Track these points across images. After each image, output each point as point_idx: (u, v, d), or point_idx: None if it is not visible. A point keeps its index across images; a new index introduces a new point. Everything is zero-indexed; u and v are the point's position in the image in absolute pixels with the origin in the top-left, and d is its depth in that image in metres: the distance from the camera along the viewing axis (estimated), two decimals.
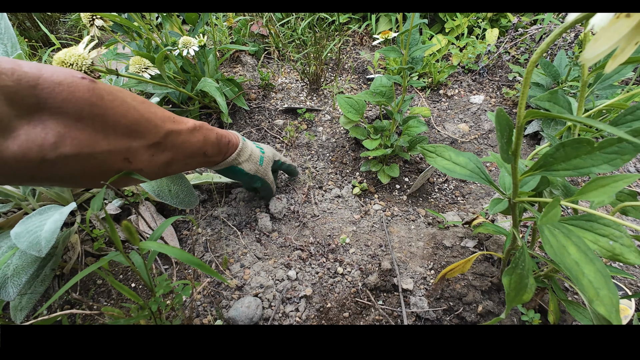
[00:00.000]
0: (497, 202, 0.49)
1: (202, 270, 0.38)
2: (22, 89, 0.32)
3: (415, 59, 0.69)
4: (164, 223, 0.45)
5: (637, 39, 0.20)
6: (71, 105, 0.34)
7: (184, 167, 0.52)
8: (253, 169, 0.66)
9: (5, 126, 0.31)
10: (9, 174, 0.33)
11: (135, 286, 0.68)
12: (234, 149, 0.62)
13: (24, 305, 0.57)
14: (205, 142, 0.53)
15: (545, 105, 0.39)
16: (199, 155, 0.52)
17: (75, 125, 0.35)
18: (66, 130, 0.34)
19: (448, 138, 1.01)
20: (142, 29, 0.72)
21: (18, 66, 0.32)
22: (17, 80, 0.31)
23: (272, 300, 0.65)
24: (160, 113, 0.45)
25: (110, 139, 0.38)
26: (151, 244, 0.39)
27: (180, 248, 0.74)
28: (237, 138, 0.63)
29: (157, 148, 0.44)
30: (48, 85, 0.33)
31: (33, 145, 0.33)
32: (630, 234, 0.36)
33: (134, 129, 0.40)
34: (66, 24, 1.58)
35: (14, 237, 0.52)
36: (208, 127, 0.54)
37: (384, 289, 0.67)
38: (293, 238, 0.75)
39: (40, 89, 0.33)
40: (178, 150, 0.47)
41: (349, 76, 1.22)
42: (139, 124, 0.41)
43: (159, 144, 0.44)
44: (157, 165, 0.45)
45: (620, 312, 0.30)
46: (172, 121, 0.46)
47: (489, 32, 1.24)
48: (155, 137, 0.43)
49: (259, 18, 1.29)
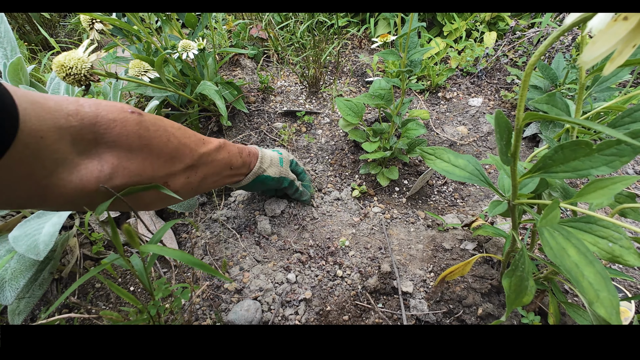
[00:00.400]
0: (496, 204, 0.49)
1: (203, 270, 0.38)
2: (84, 128, 0.35)
3: (413, 62, 0.69)
4: (165, 226, 0.45)
5: (634, 42, 0.20)
6: (124, 138, 0.38)
7: (213, 184, 0.55)
8: (277, 172, 0.69)
9: (70, 162, 0.34)
10: (67, 202, 0.36)
11: (134, 290, 0.68)
12: (255, 158, 0.65)
13: (22, 309, 0.57)
14: (230, 157, 0.56)
15: (543, 107, 0.39)
16: (226, 169, 0.56)
17: (126, 157, 0.38)
18: (119, 162, 0.38)
19: (447, 140, 1.01)
20: (141, 33, 0.73)
21: (81, 107, 0.35)
22: (81, 120, 0.35)
23: (272, 304, 0.64)
24: (194, 137, 0.48)
25: (154, 165, 0.41)
26: (151, 247, 0.39)
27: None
28: (255, 148, 0.67)
29: (192, 170, 0.47)
30: (105, 122, 0.36)
31: (91, 177, 0.36)
32: (629, 235, 0.36)
33: (174, 155, 0.44)
34: (66, 28, 1.58)
35: (12, 241, 0.52)
36: (229, 143, 0.58)
37: (383, 292, 0.67)
38: (292, 241, 0.75)
39: (99, 126, 0.36)
40: (209, 169, 0.51)
41: (348, 79, 1.22)
42: (178, 150, 0.44)
43: (193, 166, 0.47)
44: (191, 185, 0.48)
45: (620, 314, 0.30)
46: (202, 144, 0.50)
47: (487, 35, 1.25)
48: (191, 160, 0.47)
49: (258, 22, 1.30)
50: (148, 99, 1.06)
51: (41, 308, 0.65)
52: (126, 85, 0.83)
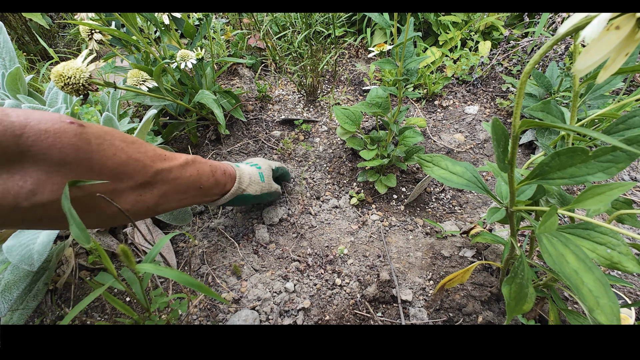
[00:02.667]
0: (494, 211, 0.49)
1: (200, 291, 0.38)
2: (5, 140, 0.32)
3: (410, 71, 0.70)
4: (159, 242, 0.44)
5: (626, 50, 0.20)
6: (56, 151, 0.34)
7: (177, 203, 0.51)
8: (258, 189, 0.67)
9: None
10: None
11: (130, 300, 0.67)
12: (232, 178, 0.61)
13: (16, 321, 0.56)
14: (199, 175, 0.52)
15: (539, 115, 0.39)
16: (193, 189, 0.52)
17: (58, 171, 0.35)
18: (47, 177, 0.34)
19: (444, 148, 1.02)
20: (140, 43, 0.73)
21: (6, 116, 0.32)
22: (3, 131, 0.32)
23: (270, 313, 0.64)
24: (152, 152, 0.45)
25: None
26: (146, 266, 0.38)
27: (176, 265, 0.73)
28: (231, 167, 0.63)
29: (145, 187, 0.44)
30: (34, 133, 0.33)
31: (7, 195, 0.33)
32: (627, 242, 0.36)
33: (121, 171, 0.40)
34: (65, 38, 1.59)
35: (5, 251, 0.51)
36: (201, 160, 0.54)
37: (382, 301, 0.66)
38: (291, 249, 0.75)
39: (26, 138, 0.33)
40: (170, 187, 0.47)
41: (345, 88, 1.23)
42: (127, 165, 0.41)
43: (147, 183, 0.44)
44: (146, 203, 0.45)
45: (620, 321, 0.30)
46: (162, 159, 0.46)
47: (482, 44, 1.27)
48: (144, 177, 0.43)
49: (256, 32, 1.31)
50: (146, 108, 1.06)
51: (35, 320, 0.64)
52: (124, 94, 0.84)
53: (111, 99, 0.80)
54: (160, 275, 0.70)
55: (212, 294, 0.38)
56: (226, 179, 0.60)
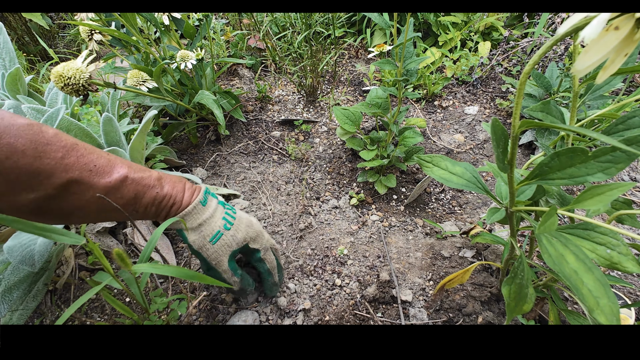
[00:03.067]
0: (494, 211, 0.49)
1: (200, 281, 0.38)
2: None
3: (410, 71, 0.70)
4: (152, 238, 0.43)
5: (625, 51, 0.20)
6: None
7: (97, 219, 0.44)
8: (198, 244, 0.49)
9: None
10: None
11: (130, 300, 0.67)
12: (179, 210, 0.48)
13: (15, 322, 0.56)
14: (135, 200, 0.44)
15: (538, 115, 0.39)
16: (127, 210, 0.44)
17: None
18: None
19: (444, 148, 1.02)
20: (140, 43, 0.73)
21: None
22: None
23: (270, 314, 0.64)
24: (72, 159, 0.38)
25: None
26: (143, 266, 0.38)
27: (175, 262, 0.73)
28: (190, 197, 0.49)
29: (47, 200, 0.37)
30: None
31: None
32: (627, 242, 0.36)
33: (12, 179, 0.34)
34: (65, 39, 1.59)
35: (6, 252, 0.51)
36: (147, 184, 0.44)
37: (382, 301, 0.66)
38: (291, 250, 0.75)
39: None
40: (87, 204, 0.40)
41: (345, 88, 1.23)
42: (20, 172, 0.34)
43: (50, 196, 0.37)
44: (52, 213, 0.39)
45: (620, 321, 0.30)
46: (87, 170, 0.39)
47: (482, 45, 1.27)
48: (46, 189, 0.37)
49: (256, 32, 1.32)
50: (146, 108, 1.06)
51: (34, 320, 0.64)
52: (124, 94, 0.84)
53: (111, 99, 0.80)
54: (160, 275, 0.70)
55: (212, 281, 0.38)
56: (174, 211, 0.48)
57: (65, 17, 1.61)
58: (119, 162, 0.43)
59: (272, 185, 0.89)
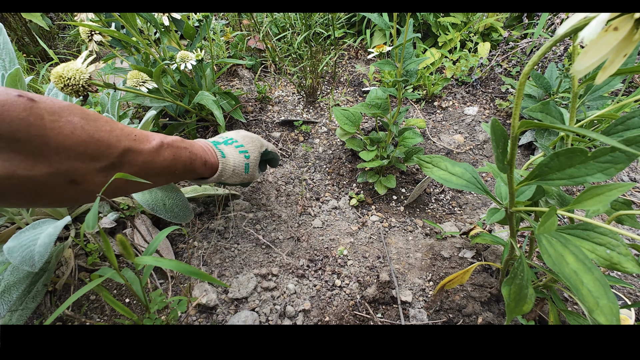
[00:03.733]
0: (494, 212, 0.49)
1: (200, 278, 0.38)
2: None
3: (409, 72, 0.70)
4: (158, 236, 0.44)
5: (625, 51, 0.20)
6: (5, 125, 0.32)
7: (148, 185, 0.48)
8: (238, 181, 0.64)
9: None
10: None
11: (130, 301, 0.67)
12: (212, 170, 0.58)
13: (14, 323, 0.56)
14: (174, 161, 0.48)
15: (538, 116, 0.40)
16: (166, 174, 0.49)
17: (9, 146, 0.33)
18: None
19: (443, 149, 1.02)
20: (140, 44, 0.73)
21: None
22: None
23: (270, 315, 0.64)
24: (118, 131, 0.42)
25: (52, 160, 0.36)
26: (146, 259, 0.38)
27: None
28: (214, 157, 0.58)
29: (112, 169, 0.41)
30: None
31: None
32: (627, 242, 0.36)
33: (81, 151, 0.38)
34: (65, 39, 1.59)
35: (6, 252, 0.51)
36: (180, 145, 0.50)
37: (382, 302, 0.66)
38: (290, 251, 0.75)
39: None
40: (139, 170, 0.44)
41: (344, 89, 1.23)
42: (87, 144, 0.38)
43: (114, 165, 0.41)
44: (113, 184, 0.42)
45: (620, 321, 0.30)
46: (132, 139, 0.43)
47: (481, 45, 1.27)
48: (108, 159, 0.40)
49: (256, 33, 1.32)
50: (146, 109, 1.06)
51: (34, 321, 0.64)
52: (124, 95, 0.84)
53: (111, 100, 0.80)
54: (159, 276, 0.70)
55: (213, 280, 0.38)
56: (205, 170, 0.56)
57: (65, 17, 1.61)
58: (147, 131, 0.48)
59: (271, 186, 0.90)
